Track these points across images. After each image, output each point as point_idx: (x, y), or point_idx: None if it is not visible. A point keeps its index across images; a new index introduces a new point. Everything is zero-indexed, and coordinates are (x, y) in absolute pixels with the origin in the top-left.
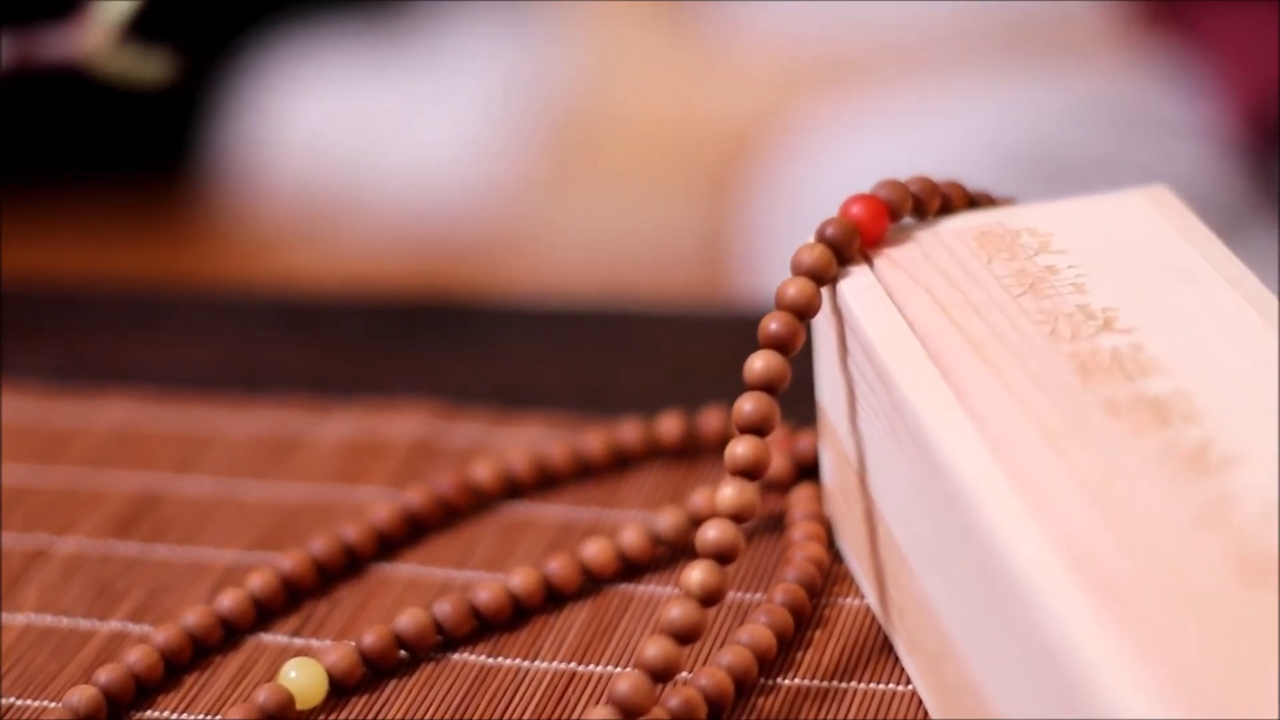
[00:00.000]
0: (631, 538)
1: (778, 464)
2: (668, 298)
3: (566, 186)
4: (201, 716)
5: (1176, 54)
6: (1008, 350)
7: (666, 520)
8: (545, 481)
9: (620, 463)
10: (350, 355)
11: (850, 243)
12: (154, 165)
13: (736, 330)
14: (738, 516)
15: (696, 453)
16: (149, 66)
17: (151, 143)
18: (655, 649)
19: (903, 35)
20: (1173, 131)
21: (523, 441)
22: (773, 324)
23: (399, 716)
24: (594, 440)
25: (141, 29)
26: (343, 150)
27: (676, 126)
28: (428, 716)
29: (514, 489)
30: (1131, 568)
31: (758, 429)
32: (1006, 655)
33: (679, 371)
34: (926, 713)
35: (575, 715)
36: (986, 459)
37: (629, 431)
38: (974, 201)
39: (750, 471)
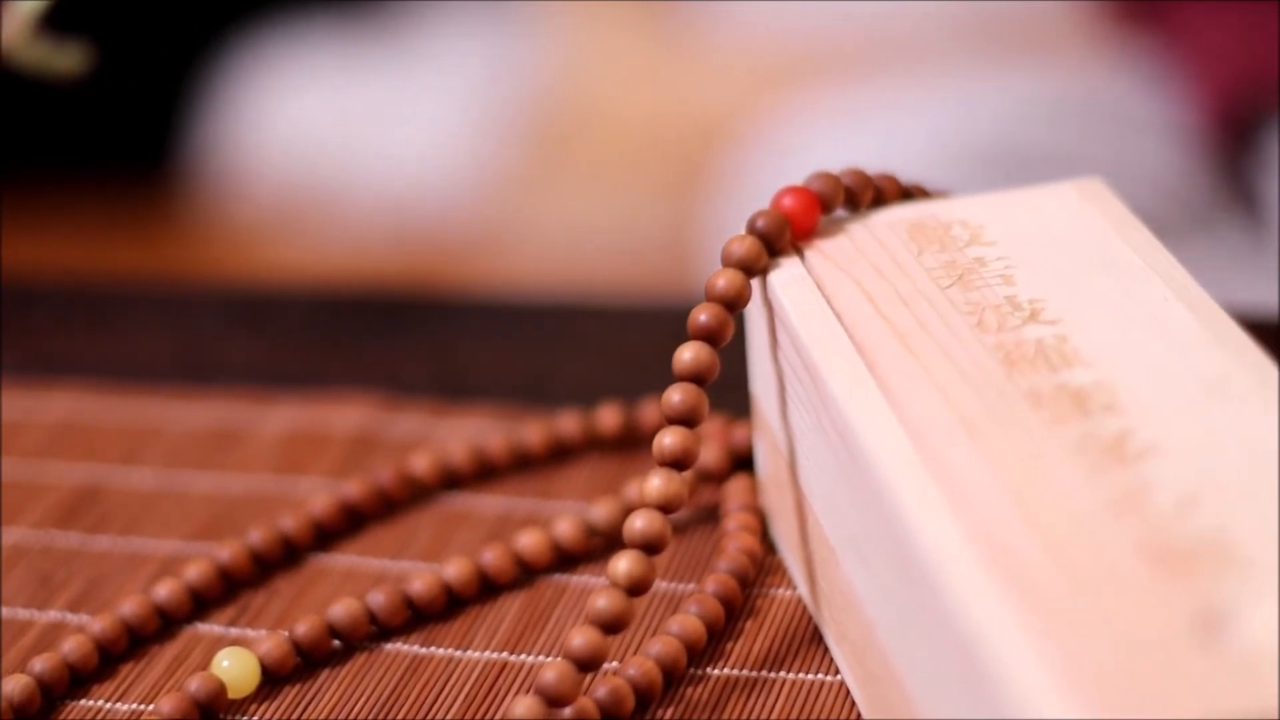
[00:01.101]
0: (566, 528)
1: (713, 455)
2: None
3: (545, 182)
4: (135, 705)
5: (1147, 51)
6: (933, 341)
7: (601, 511)
8: (484, 473)
9: (559, 454)
10: (298, 348)
11: (781, 234)
12: (136, 162)
13: (684, 322)
14: (665, 507)
15: (635, 444)
16: (64, 59)
17: (134, 139)
18: (581, 639)
19: (876, 32)
20: (1141, 128)
21: (465, 433)
22: (702, 315)
23: (330, 705)
24: (533, 432)
25: (126, 23)
26: (324, 147)
27: (653, 123)
28: (359, 705)
29: (453, 480)
30: (1044, 557)
31: (686, 420)
32: (923, 646)
33: (624, 363)
34: (854, 703)
35: (505, 704)
36: (906, 448)
37: (568, 423)
38: (908, 194)
39: (678, 462)
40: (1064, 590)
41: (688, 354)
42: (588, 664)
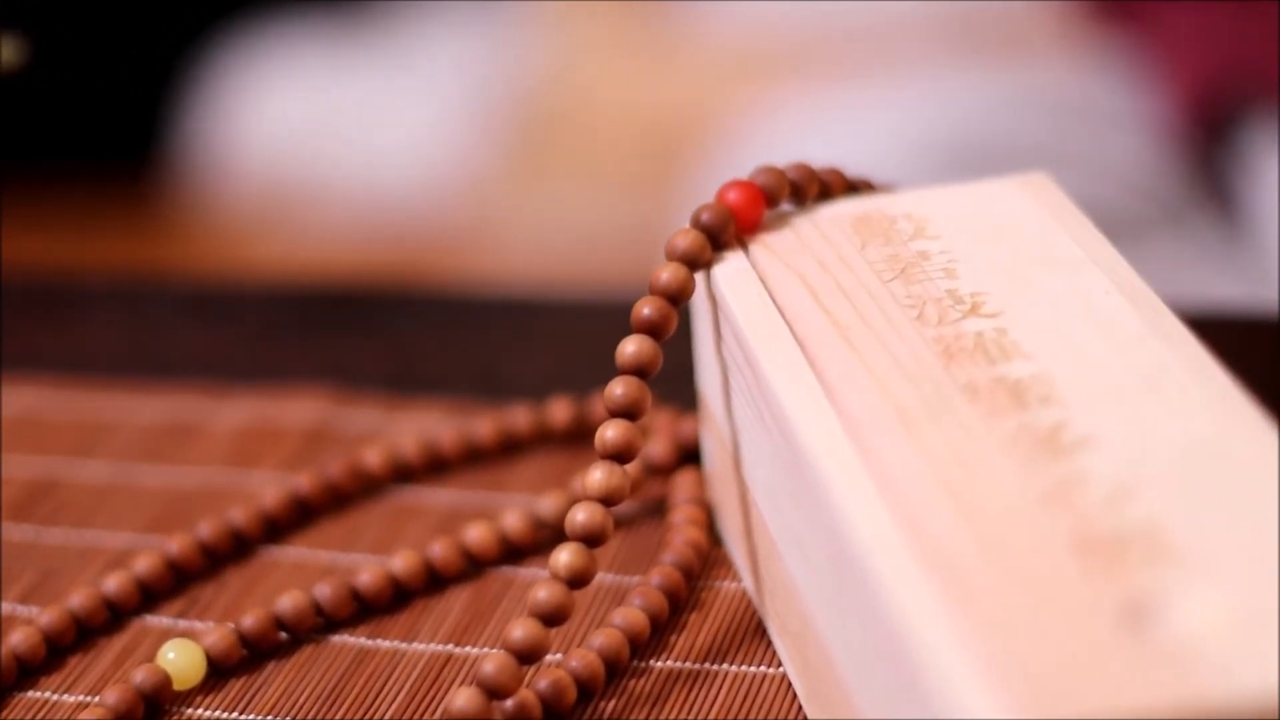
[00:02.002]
0: (513, 521)
1: (661, 448)
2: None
3: (527, 179)
4: (82, 697)
5: (1121, 48)
6: (873, 334)
7: (549, 504)
8: (435, 466)
9: (510, 448)
10: (255, 343)
11: (725, 228)
12: (121, 159)
13: None
14: (607, 499)
15: (586, 438)
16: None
17: (118, 136)
18: (521, 631)
19: (853, 30)
20: (1114, 124)
21: (417, 427)
22: (645, 309)
23: (275, 697)
24: (484, 425)
25: (113, 19)
26: (307, 144)
27: (634, 120)
28: (303, 697)
29: (404, 474)
30: (975, 549)
31: (628, 413)
32: (857, 639)
33: (580, 357)
34: (795, 695)
35: (448, 696)
36: (841, 440)
37: (519, 417)
38: (854, 188)
39: (620, 455)
40: (993, 582)
41: (630, 347)
42: (528, 656)
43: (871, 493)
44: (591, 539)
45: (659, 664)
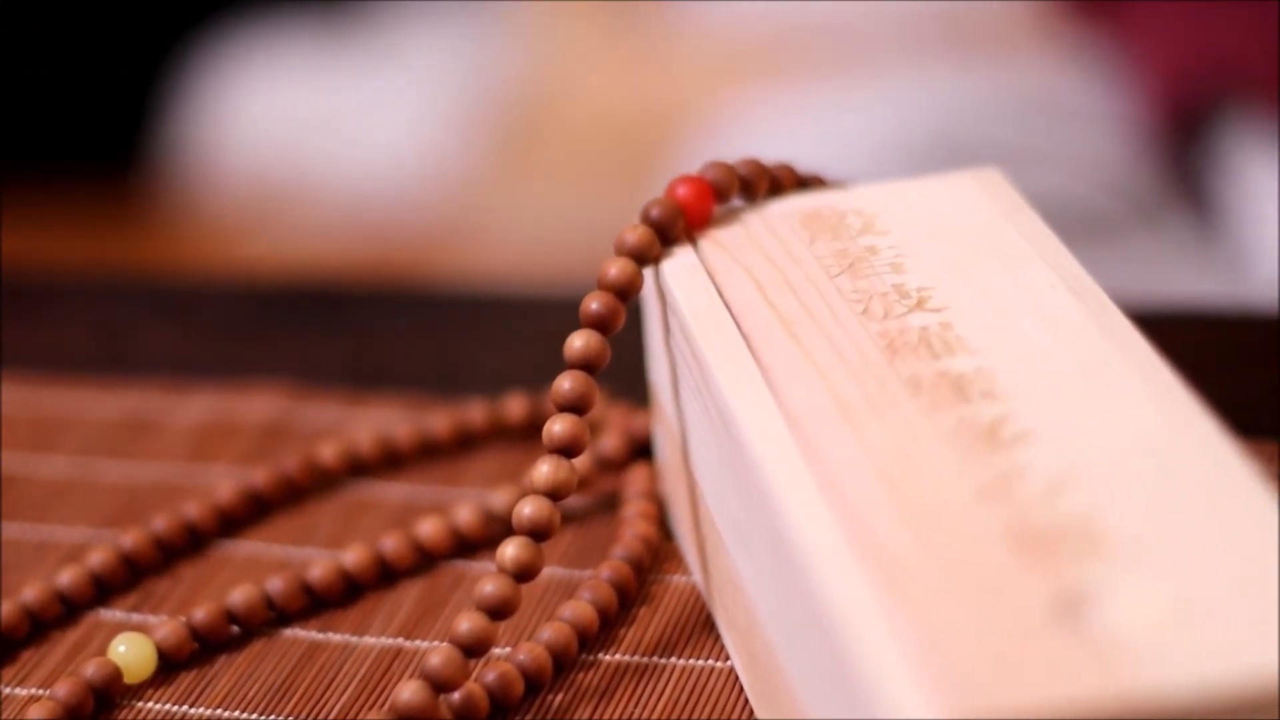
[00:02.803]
0: (466, 515)
1: (614, 443)
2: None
3: (511, 177)
4: (35, 690)
5: (1097, 47)
6: (818, 329)
7: (501, 498)
8: (390, 461)
9: (466, 442)
10: (217, 339)
11: (674, 223)
12: (107, 158)
13: None
14: (554, 494)
15: (541, 432)
16: None
17: (105, 135)
18: (467, 624)
19: (834, 28)
20: (1090, 123)
21: (375, 422)
22: (593, 304)
23: (225, 690)
24: (440, 420)
25: (100, 17)
26: (295, 142)
27: (621, 118)
28: (253, 690)
29: (359, 468)
30: (912, 542)
31: (575, 407)
32: (796, 631)
33: (539, 353)
34: (742, 689)
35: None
36: (782, 434)
37: (474, 412)
38: (805, 183)
39: (567, 449)
40: (929, 575)
41: (578, 342)
42: (474, 649)
43: (810, 486)
44: (538, 533)
45: (607, 657)
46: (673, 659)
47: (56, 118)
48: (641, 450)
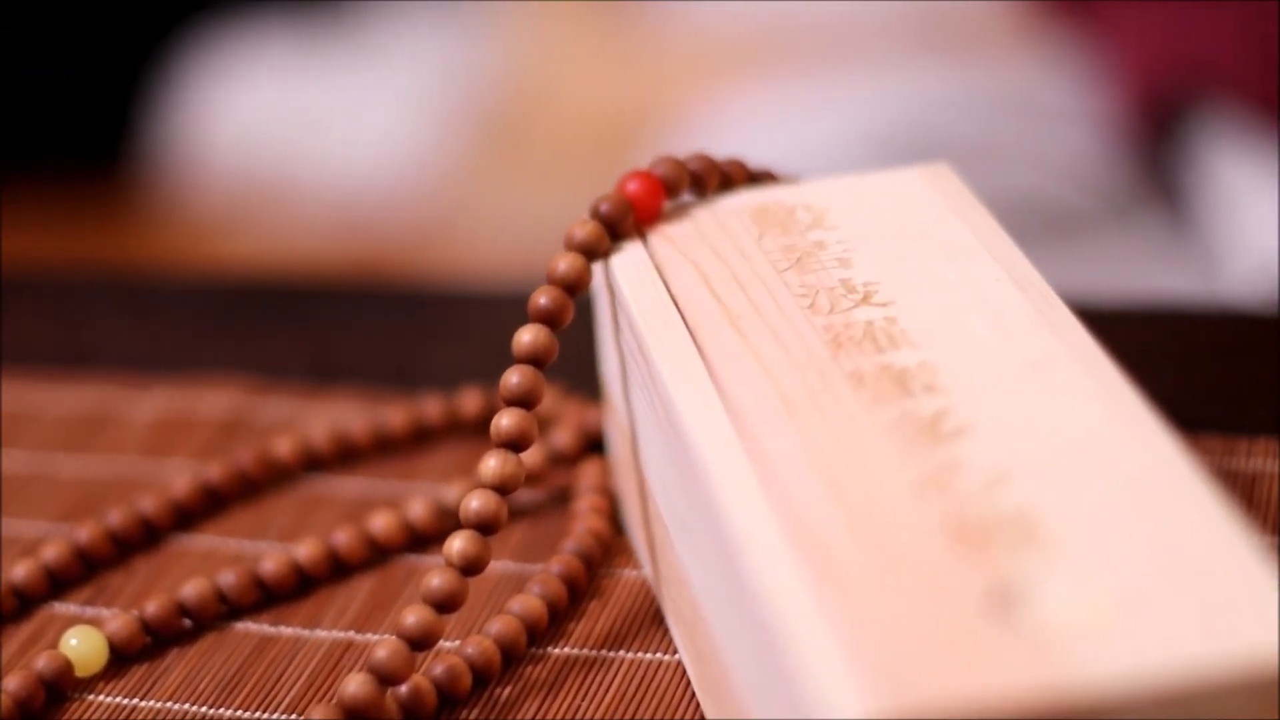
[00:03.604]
0: (418, 509)
1: (567, 437)
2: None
3: (496, 175)
4: None
5: (1072, 46)
6: (764, 323)
7: (454, 492)
8: (346, 455)
9: (421, 437)
10: (177, 333)
11: (624, 219)
12: (90, 156)
13: None
14: (501, 488)
15: None
16: None
17: (88, 133)
18: (414, 618)
19: (813, 27)
20: (1065, 121)
21: (332, 417)
22: (541, 299)
23: (176, 683)
24: (395, 415)
25: (84, 14)
26: (279, 140)
27: (603, 116)
28: (204, 683)
29: (315, 463)
30: (850, 536)
31: (523, 401)
32: (735, 624)
33: (496, 348)
34: (689, 682)
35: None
36: (724, 428)
37: (430, 406)
38: (756, 179)
39: (514, 443)
40: (866, 569)
41: (526, 337)
42: (420, 642)
43: (750, 480)
44: (485, 527)
45: (556, 651)
46: (622, 653)
47: (40, 115)
48: (594, 444)
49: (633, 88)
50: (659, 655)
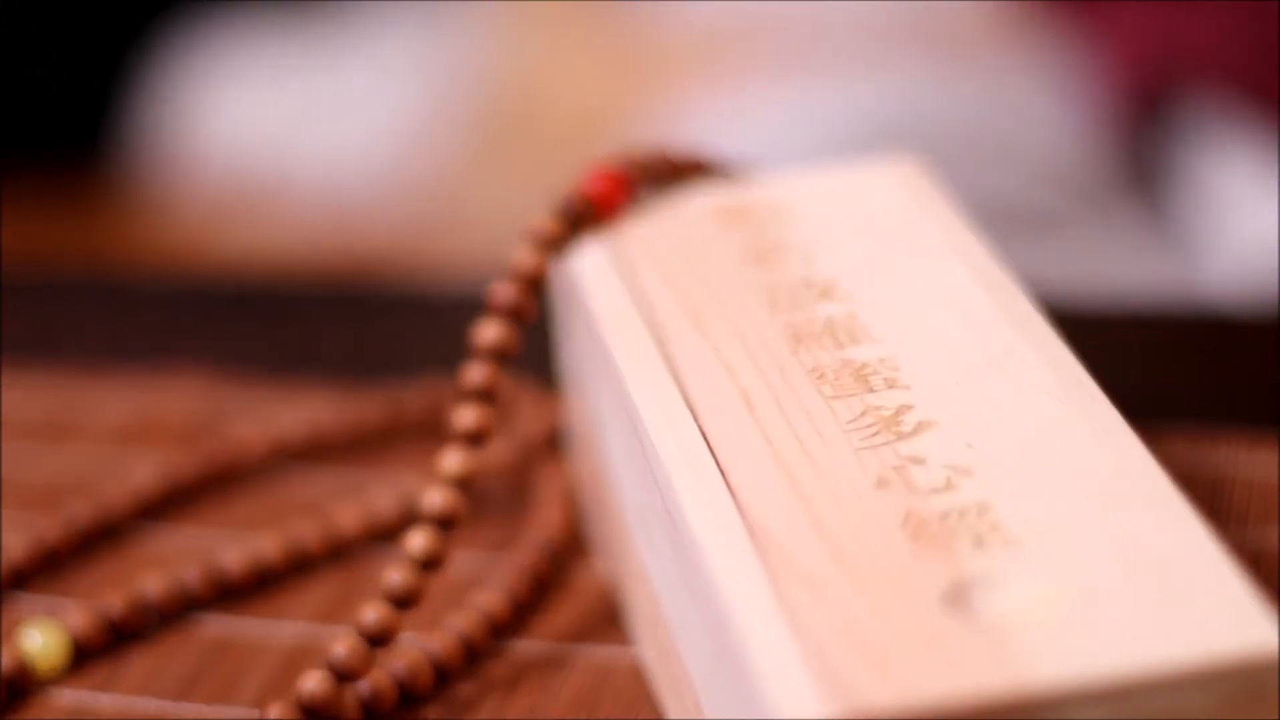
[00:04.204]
0: (384, 503)
1: (531, 430)
2: None
3: (487, 173)
4: None
5: (1057, 43)
6: (724, 319)
7: (420, 487)
8: (317, 449)
9: (394, 431)
10: (147, 327)
11: (586, 214)
12: (72, 147)
13: None
14: (460, 482)
15: None
16: None
17: (70, 124)
18: (372, 613)
19: (799, 27)
20: (1045, 118)
21: (303, 410)
22: (501, 293)
23: (139, 678)
24: (369, 408)
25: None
26: (266, 137)
27: (593, 114)
28: (165, 680)
29: (285, 456)
30: (809, 532)
31: (483, 395)
32: (692, 620)
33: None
34: (652, 677)
35: None
36: (683, 423)
37: (404, 400)
38: (720, 174)
39: (475, 437)
40: (823, 565)
41: (485, 331)
42: (379, 638)
43: (709, 476)
44: (444, 521)
45: (519, 646)
46: (585, 648)
47: (20, 107)
48: (557, 438)
49: (623, 85)
50: (623, 651)
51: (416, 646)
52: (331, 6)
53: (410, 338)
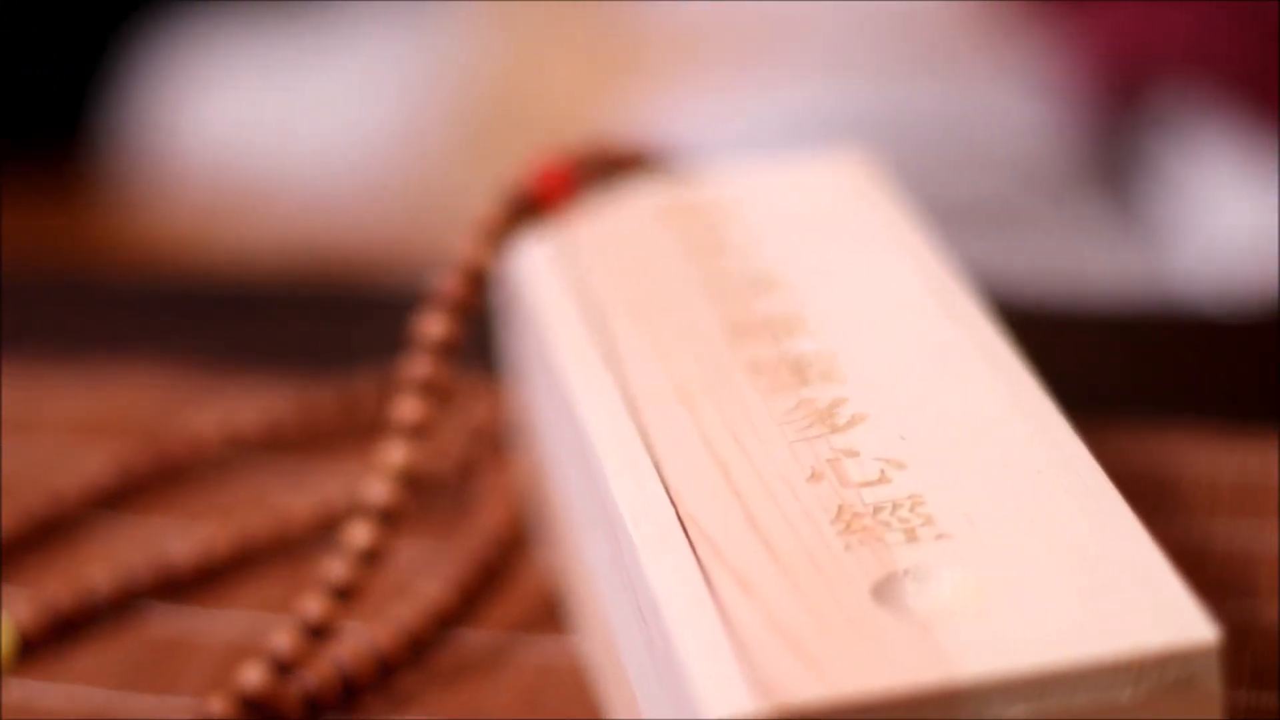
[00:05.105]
0: (336, 495)
1: (478, 421)
2: None
3: (470, 173)
4: None
5: (1028, 42)
6: (662, 312)
7: (369, 480)
8: (273, 441)
9: (350, 423)
10: (102, 321)
11: (531, 206)
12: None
13: None
14: (401, 474)
15: None
16: None
17: (54, 122)
18: (313, 605)
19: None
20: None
21: (260, 403)
22: (444, 284)
23: (85, 668)
24: (324, 401)
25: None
26: (246, 135)
27: (577, 111)
28: (113, 669)
29: (241, 448)
30: (738, 524)
31: (426, 388)
32: (627, 615)
33: None
34: (596, 670)
35: None
36: (619, 416)
37: (360, 392)
38: (666, 168)
39: (417, 430)
40: (753, 559)
41: (428, 322)
42: (319, 630)
43: (641, 468)
44: (386, 514)
45: (466, 637)
46: (531, 639)
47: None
48: (506, 429)
49: (605, 83)
50: (567, 643)
51: (360, 637)
52: (315, 5)
53: (370, 332)
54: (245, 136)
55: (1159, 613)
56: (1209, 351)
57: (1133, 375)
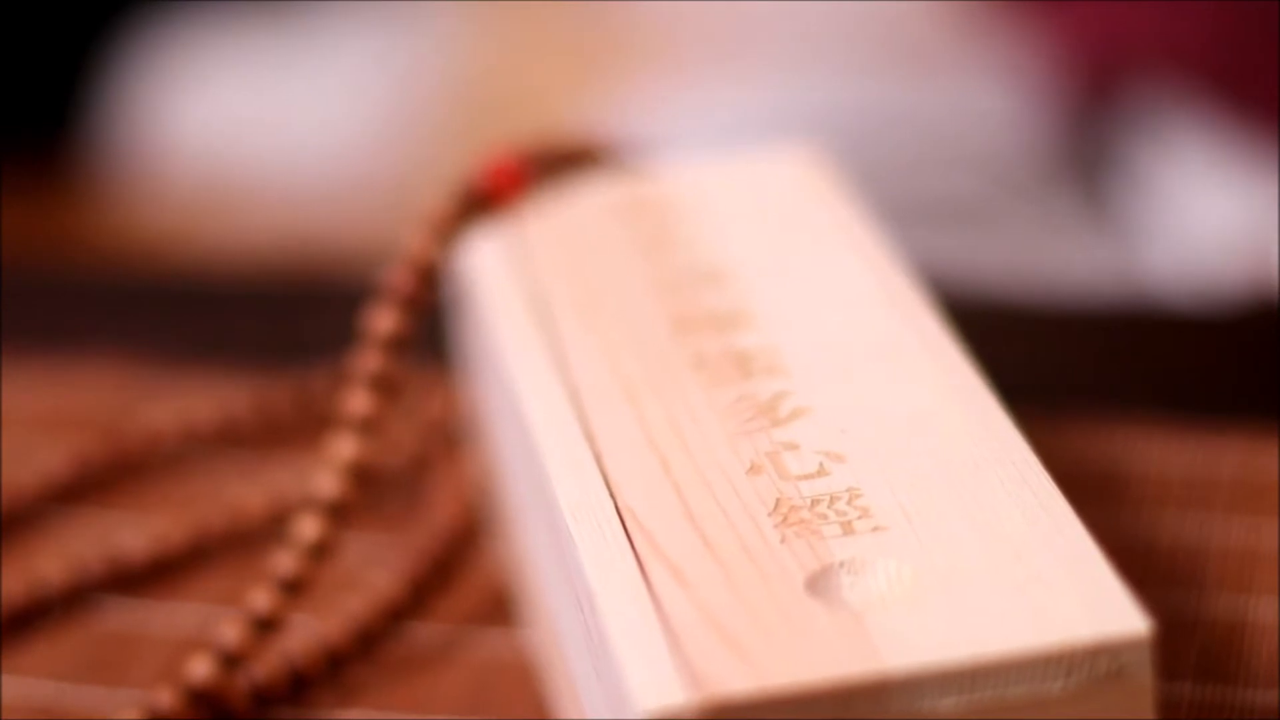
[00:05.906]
0: (290, 488)
1: (433, 415)
2: None
3: (448, 169)
4: None
5: (1002, 39)
6: (609, 307)
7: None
8: (229, 434)
9: (306, 417)
10: (60, 314)
11: (483, 201)
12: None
13: None
14: (352, 469)
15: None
16: None
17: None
18: (262, 598)
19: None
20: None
21: (217, 397)
22: (394, 279)
23: (37, 661)
24: (280, 394)
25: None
26: (230, 133)
27: (555, 112)
28: (63, 663)
29: (197, 442)
30: (678, 519)
31: (376, 382)
32: (567, 605)
33: None
34: (545, 662)
35: None
36: (563, 411)
37: (317, 386)
38: (617, 162)
39: (367, 424)
40: (692, 551)
41: (378, 317)
42: (267, 623)
43: (584, 461)
44: (335, 507)
45: (415, 629)
46: (481, 632)
47: None
48: (459, 424)
49: (586, 81)
50: (517, 635)
51: (309, 630)
52: (298, 4)
53: (326, 327)
54: (229, 134)
55: (1091, 604)
56: (1178, 347)
57: (1100, 370)
